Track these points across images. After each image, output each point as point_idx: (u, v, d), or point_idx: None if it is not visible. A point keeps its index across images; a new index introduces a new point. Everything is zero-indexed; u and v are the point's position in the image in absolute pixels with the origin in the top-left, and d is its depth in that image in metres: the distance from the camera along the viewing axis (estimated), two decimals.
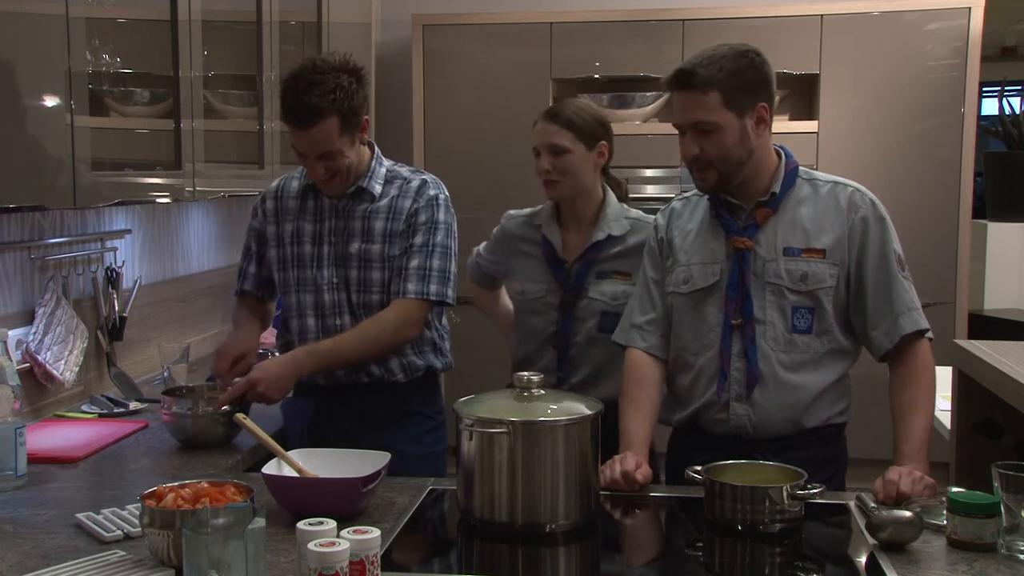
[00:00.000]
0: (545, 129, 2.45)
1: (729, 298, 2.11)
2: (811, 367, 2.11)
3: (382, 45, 5.16)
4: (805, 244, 2.10)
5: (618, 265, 2.47)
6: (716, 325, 2.13)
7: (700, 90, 2.03)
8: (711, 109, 2.03)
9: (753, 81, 2.06)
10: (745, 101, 2.05)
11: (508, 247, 2.61)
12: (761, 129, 2.08)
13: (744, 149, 2.07)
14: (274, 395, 2.27)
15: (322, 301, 2.40)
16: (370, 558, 1.45)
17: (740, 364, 2.11)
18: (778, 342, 2.10)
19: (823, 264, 2.09)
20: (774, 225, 2.12)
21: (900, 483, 1.88)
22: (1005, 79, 5.14)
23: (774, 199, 2.12)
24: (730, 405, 2.12)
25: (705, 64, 2.03)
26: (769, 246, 2.11)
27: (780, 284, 2.10)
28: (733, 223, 2.13)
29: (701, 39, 4.64)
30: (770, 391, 2.10)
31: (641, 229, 2.47)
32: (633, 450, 2.07)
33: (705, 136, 2.05)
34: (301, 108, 2.23)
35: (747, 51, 2.08)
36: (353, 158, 2.33)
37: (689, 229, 2.21)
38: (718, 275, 2.13)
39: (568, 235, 2.51)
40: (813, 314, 2.10)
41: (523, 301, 2.55)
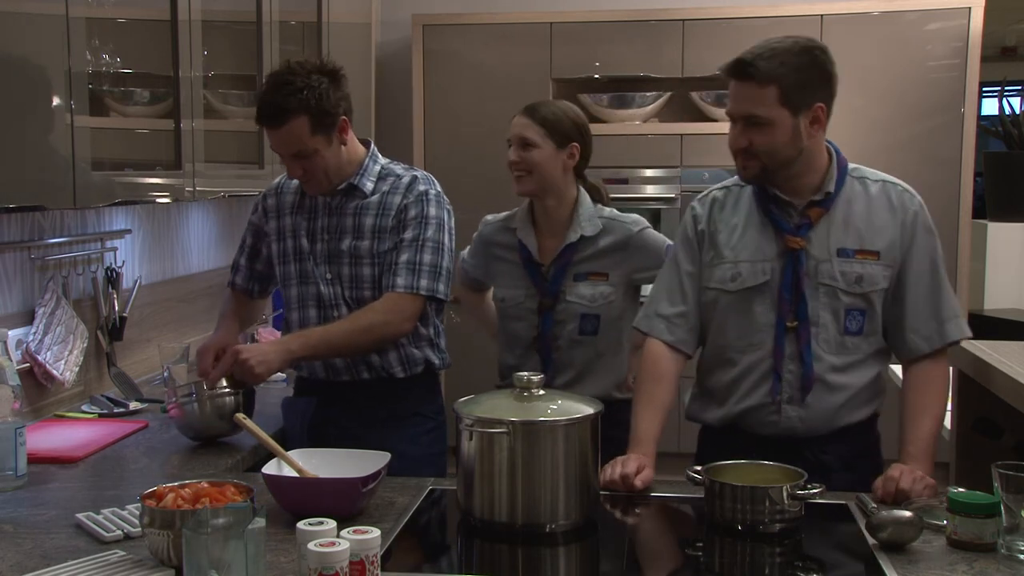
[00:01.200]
0: (518, 122, 2.48)
1: (783, 299, 2.07)
2: (857, 367, 2.09)
3: (382, 45, 5.17)
4: (859, 245, 2.05)
5: (593, 266, 2.47)
6: (766, 325, 2.09)
7: (757, 83, 1.97)
8: (766, 104, 1.98)
9: (814, 79, 2.00)
10: (803, 99, 1.99)
11: (487, 252, 2.61)
12: (815, 129, 2.02)
13: (794, 147, 2.01)
14: (257, 367, 2.22)
15: (321, 293, 2.41)
16: (370, 558, 1.45)
17: (793, 367, 2.07)
18: (830, 344, 2.07)
19: (877, 266, 2.05)
20: (827, 225, 2.07)
21: (900, 480, 1.88)
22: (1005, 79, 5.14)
23: (829, 198, 2.07)
24: (782, 407, 2.08)
25: (767, 56, 1.97)
26: (822, 246, 2.06)
27: (834, 286, 2.05)
28: (785, 221, 2.08)
29: (701, 39, 4.66)
30: (822, 393, 2.07)
31: (614, 229, 2.47)
32: (641, 449, 2.06)
33: (756, 129, 2.00)
34: (269, 108, 2.27)
35: (813, 47, 2.02)
36: (331, 158, 2.33)
37: (735, 223, 2.14)
38: (768, 274, 2.08)
39: (543, 239, 2.51)
40: (865, 316, 2.07)
41: (504, 308, 2.55)
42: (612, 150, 4.42)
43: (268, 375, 2.28)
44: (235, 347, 2.28)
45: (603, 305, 2.44)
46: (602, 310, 2.44)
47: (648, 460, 2.04)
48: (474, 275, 2.69)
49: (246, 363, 2.22)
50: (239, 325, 2.60)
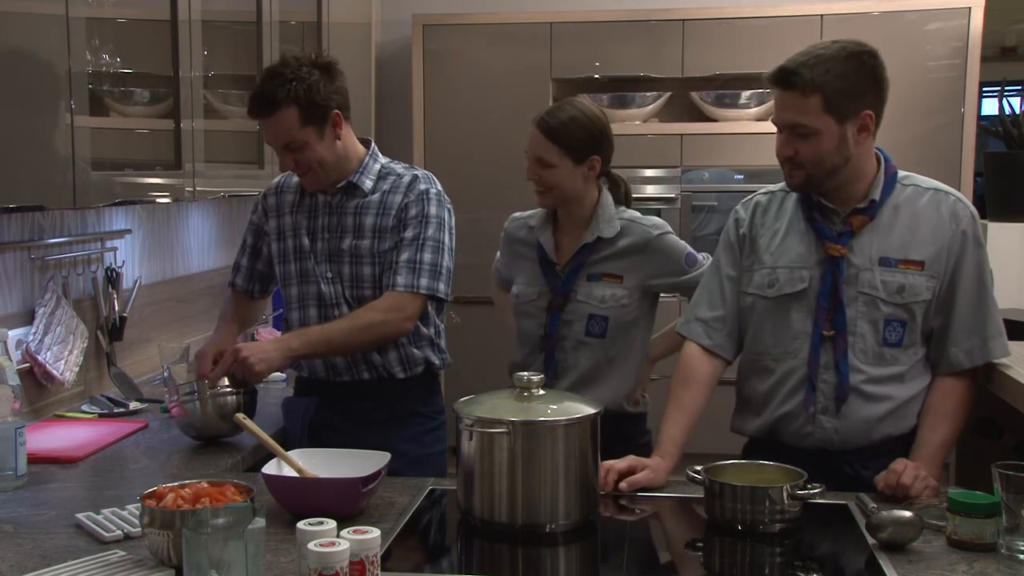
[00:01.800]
0: (535, 140, 2.39)
1: (821, 307, 2.02)
2: (898, 380, 2.03)
3: (382, 45, 5.17)
4: (903, 255, 2.00)
5: (609, 267, 2.43)
6: (802, 333, 2.05)
7: (801, 91, 1.92)
8: (810, 113, 1.93)
9: (860, 87, 1.95)
10: (849, 107, 1.94)
11: (511, 249, 2.59)
12: (863, 136, 1.98)
13: (841, 156, 1.97)
14: (257, 365, 2.23)
15: (322, 292, 2.41)
16: (370, 558, 1.45)
17: (828, 376, 2.03)
18: (867, 355, 2.02)
19: (921, 276, 2.00)
20: (870, 233, 2.02)
21: (903, 475, 1.87)
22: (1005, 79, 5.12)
23: (873, 206, 2.02)
24: (816, 418, 2.05)
25: (811, 64, 1.92)
26: (864, 255, 2.02)
27: (875, 295, 2.00)
28: (827, 228, 2.04)
29: (701, 39, 4.66)
30: (858, 404, 2.02)
31: (633, 231, 2.44)
32: (660, 451, 2.05)
33: (802, 139, 1.96)
34: (259, 98, 2.29)
35: (860, 52, 1.96)
36: (324, 152, 2.33)
37: (777, 228, 2.11)
38: (807, 281, 2.04)
39: (562, 238, 2.48)
40: (905, 327, 2.01)
41: (518, 304, 2.53)
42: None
43: (269, 373, 2.28)
44: (235, 346, 2.28)
45: (613, 308, 2.41)
46: (611, 312, 2.41)
47: (656, 463, 2.02)
48: (506, 275, 2.66)
49: (246, 361, 2.22)
50: (238, 327, 2.60)
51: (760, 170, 4.44)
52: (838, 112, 1.94)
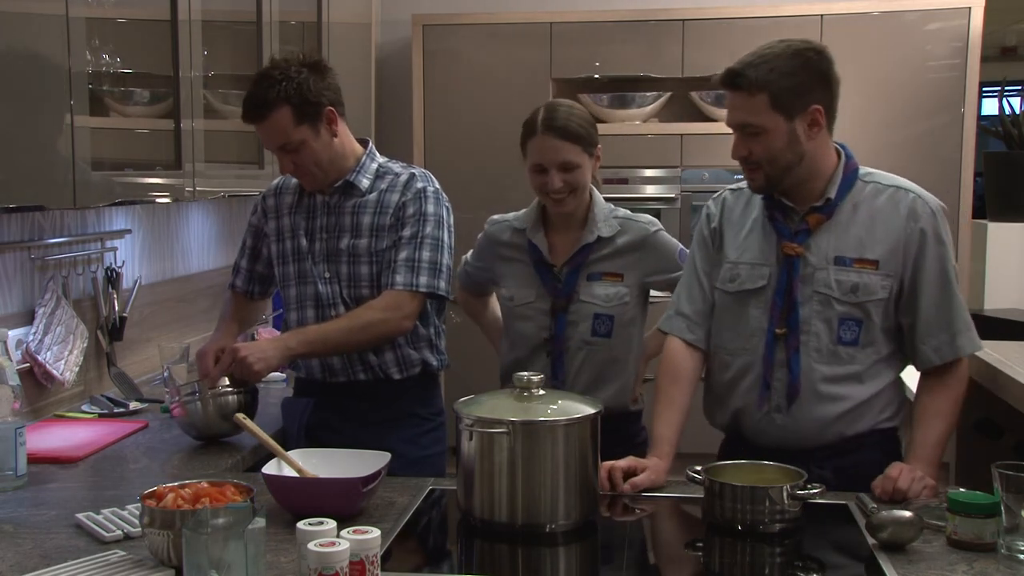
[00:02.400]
0: (553, 146, 2.32)
1: (775, 305, 2.05)
2: (855, 380, 2.04)
3: (382, 45, 5.17)
4: (858, 254, 2.02)
5: (608, 266, 2.42)
6: (758, 330, 2.07)
7: (747, 91, 1.96)
8: (758, 111, 1.96)
9: (806, 83, 1.97)
10: (796, 104, 1.96)
11: (494, 253, 2.54)
12: (814, 132, 2.00)
13: (793, 152, 1.99)
14: (255, 364, 2.23)
15: (319, 293, 2.41)
16: (370, 558, 1.45)
17: (781, 375, 2.05)
18: (821, 353, 2.03)
19: (875, 276, 2.01)
20: (828, 232, 2.04)
21: (899, 480, 1.88)
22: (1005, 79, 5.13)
23: (829, 205, 2.04)
24: (771, 415, 2.07)
25: (756, 64, 1.96)
26: (820, 254, 2.03)
27: (829, 294, 2.02)
28: (786, 227, 2.06)
29: (701, 39, 4.66)
30: (811, 403, 2.04)
31: (630, 229, 2.43)
32: (656, 450, 2.06)
33: (753, 138, 1.99)
34: (251, 102, 2.29)
35: (805, 49, 1.99)
36: (322, 150, 2.34)
37: (742, 225, 2.14)
38: (766, 278, 2.07)
39: (555, 238, 2.45)
40: (861, 326, 2.02)
41: (512, 307, 2.49)
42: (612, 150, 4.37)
43: (267, 372, 2.28)
44: (234, 345, 2.28)
45: (618, 306, 2.40)
46: (616, 311, 2.40)
47: (655, 463, 2.03)
48: (478, 278, 2.63)
49: (245, 360, 2.22)
50: (238, 327, 2.60)
51: None
52: (785, 109, 1.96)
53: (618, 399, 2.41)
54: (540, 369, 2.32)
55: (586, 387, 2.40)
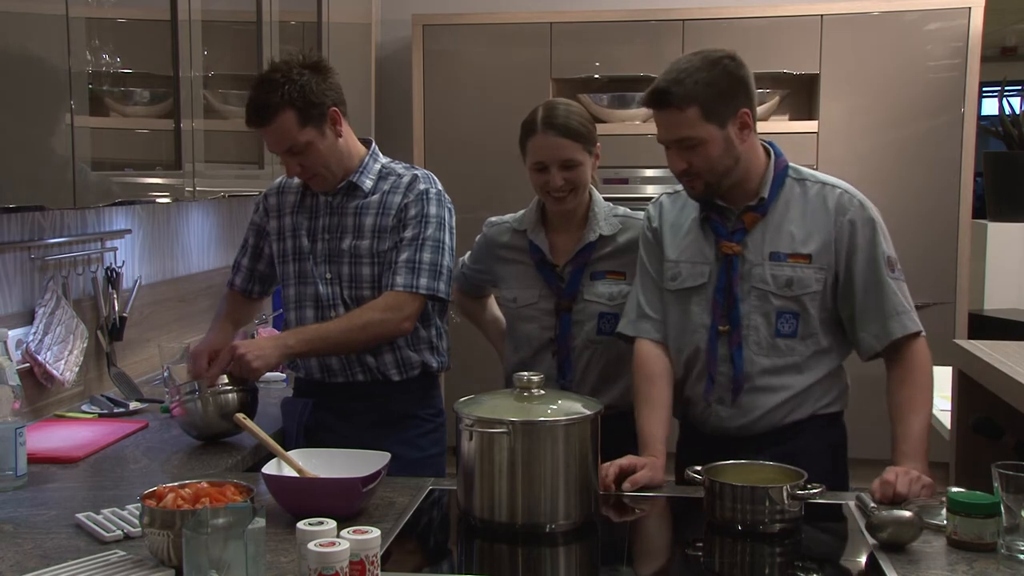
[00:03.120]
0: (554, 144, 2.32)
1: (717, 303, 2.12)
2: (794, 370, 2.11)
3: (382, 45, 5.17)
4: (791, 249, 2.09)
5: (611, 265, 2.42)
6: (701, 326, 2.14)
7: (677, 107, 2.02)
8: (692, 124, 2.02)
9: (730, 89, 2.04)
10: (725, 111, 2.03)
11: (493, 255, 2.54)
12: (745, 134, 2.07)
13: (730, 157, 2.06)
14: (254, 362, 2.23)
15: (319, 293, 2.41)
16: (370, 558, 1.45)
17: (725, 369, 2.12)
18: (761, 346, 2.11)
19: (809, 269, 2.08)
20: (762, 229, 2.11)
21: (897, 484, 1.88)
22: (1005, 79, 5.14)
23: (763, 204, 2.11)
24: (713, 407, 2.14)
25: (680, 80, 2.02)
26: (756, 251, 2.10)
27: (765, 289, 2.09)
28: (722, 227, 2.13)
29: (701, 39, 4.65)
30: (752, 394, 2.11)
31: (631, 226, 2.43)
32: (649, 451, 2.07)
33: (691, 150, 2.05)
34: (255, 107, 2.29)
35: (720, 58, 2.05)
36: (328, 151, 2.34)
37: (679, 226, 2.21)
38: (706, 277, 2.14)
39: (556, 238, 2.45)
40: (798, 319, 2.10)
41: (515, 308, 2.49)
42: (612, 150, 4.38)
43: (265, 370, 2.28)
44: (233, 343, 2.28)
45: (622, 304, 2.39)
46: (620, 308, 2.41)
47: (652, 461, 2.03)
48: (476, 281, 2.63)
49: (243, 358, 2.22)
50: (233, 327, 2.60)
51: None
52: (717, 117, 2.03)
53: (626, 397, 2.40)
54: (546, 370, 2.31)
55: (594, 386, 2.40)
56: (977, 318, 4.49)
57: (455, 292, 2.67)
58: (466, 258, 2.64)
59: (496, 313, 2.69)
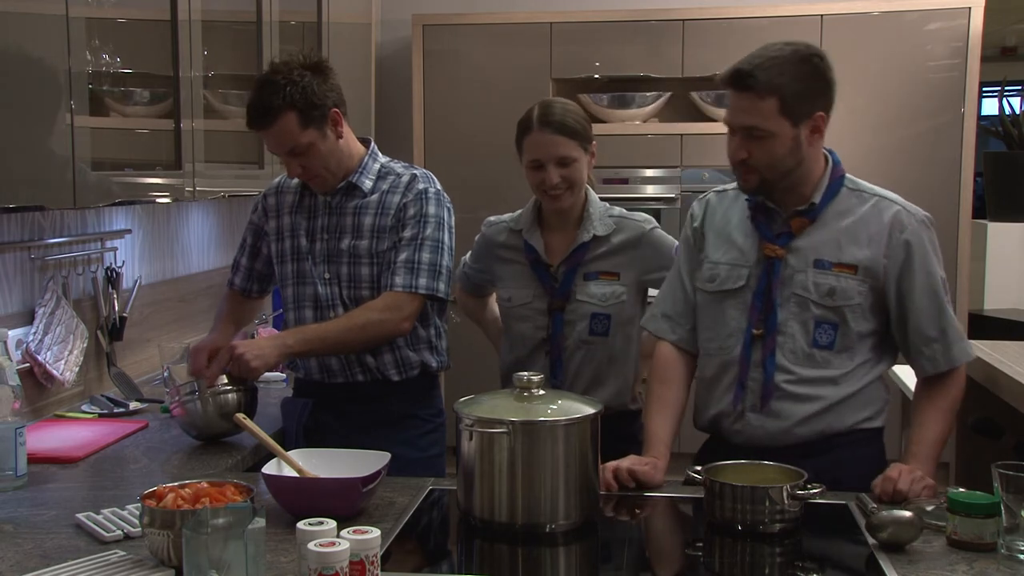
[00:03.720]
0: (549, 141, 2.33)
1: (755, 306, 2.06)
2: (829, 382, 2.04)
3: (382, 45, 5.17)
4: (837, 258, 2.02)
5: (604, 265, 2.42)
6: (737, 331, 2.08)
7: (757, 94, 1.93)
8: (766, 115, 1.94)
9: (815, 89, 1.97)
10: (803, 110, 1.96)
11: (491, 254, 2.54)
12: (815, 138, 2.00)
13: (794, 158, 1.99)
14: (253, 362, 2.23)
15: (318, 294, 2.41)
16: (370, 558, 1.45)
17: (757, 375, 2.05)
18: (797, 355, 2.04)
19: (853, 280, 2.02)
20: (810, 235, 2.04)
21: (899, 481, 1.88)
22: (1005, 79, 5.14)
23: (813, 209, 2.04)
24: (746, 415, 2.07)
25: (766, 66, 1.93)
26: (801, 257, 2.04)
27: (806, 296, 2.02)
28: (768, 228, 2.07)
29: (701, 39, 4.66)
30: (784, 402, 2.04)
31: (625, 227, 2.43)
32: (652, 451, 2.07)
33: (756, 141, 1.97)
34: (256, 110, 2.28)
35: (812, 54, 1.98)
36: (329, 152, 2.34)
37: (724, 226, 2.15)
38: (745, 279, 2.08)
39: (551, 238, 2.45)
40: (836, 330, 2.03)
41: (510, 307, 2.49)
42: (612, 150, 4.42)
43: (265, 369, 2.28)
44: (231, 343, 2.28)
45: (614, 305, 2.40)
46: (613, 310, 2.40)
47: (654, 462, 2.03)
48: (476, 280, 2.64)
49: (242, 358, 2.22)
50: (234, 327, 2.60)
51: None
52: (793, 114, 1.95)
53: (618, 398, 2.42)
54: (540, 369, 2.31)
55: (586, 386, 2.40)
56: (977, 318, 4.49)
57: (457, 291, 2.68)
58: (467, 257, 2.65)
59: (496, 313, 2.69)
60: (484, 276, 2.60)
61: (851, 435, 2.07)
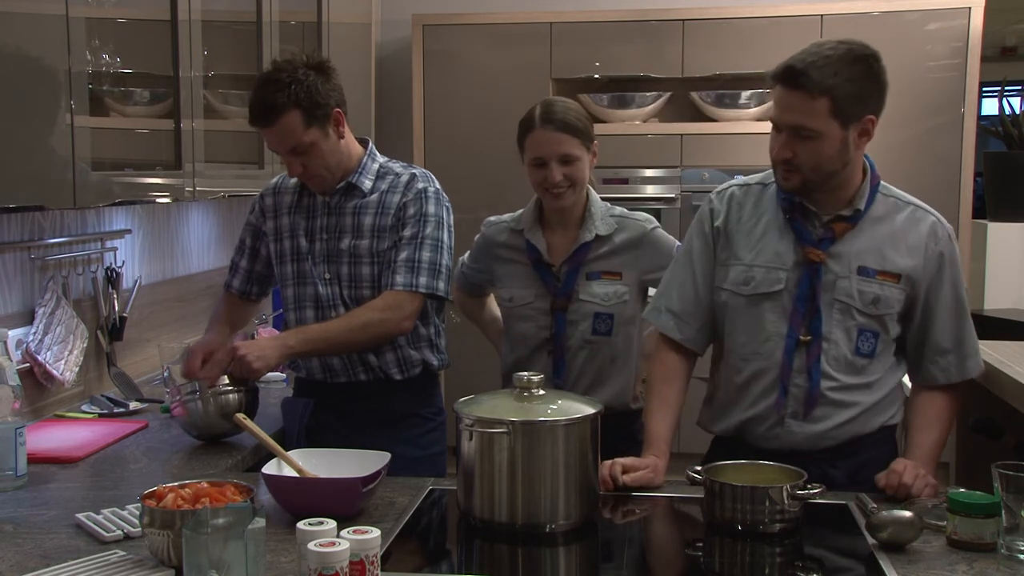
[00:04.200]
0: (552, 138, 2.33)
1: (797, 311, 2.01)
2: (866, 388, 2.04)
3: (382, 45, 5.17)
4: (881, 266, 2.00)
5: (606, 265, 2.42)
6: (775, 335, 2.04)
7: (808, 93, 1.88)
8: (817, 116, 1.89)
9: (868, 91, 1.92)
10: (854, 112, 1.91)
11: (491, 254, 2.54)
12: (863, 141, 1.96)
13: (840, 160, 1.95)
14: (255, 363, 2.22)
15: (319, 294, 2.40)
16: (370, 558, 1.45)
17: (801, 381, 2.02)
18: (840, 363, 2.02)
19: (895, 289, 2.00)
20: (851, 241, 2.01)
21: (904, 475, 1.88)
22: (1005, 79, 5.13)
23: (858, 215, 2.01)
24: (785, 422, 2.04)
25: (820, 65, 1.88)
26: (844, 263, 2.00)
27: (850, 304, 2.00)
28: (808, 232, 2.02)
29: (701, 39, 4.66)
30: (827, 410, 2.03)
31: (628, 227, 2.43)
32: (653, 449, 2.06)
33: (803, 141, 1.92)
34: (260, 107, 2.28)
35: (866, 55, 1.93)
36: (330, 152, 2.33)
37: (754, 225, 2.09)
38: (783, 283, 2.03)
39: (553, 237, 2.45)
40: (877, 338, 2.01)
41: (512, 308, 2.49)
42: (612, 150, 4.42)
43: (266, 371, 2.28)
44: (233, 344, 2.28)
45: (617, 304, 2.40)
46: (616, 309, 2.40)
47: (654, 462, 2.03)
48: (475, 280, 2.63)
49: (244, 359, 2.22)
50: (230, 329, 2.58)
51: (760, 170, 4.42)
52: (843, 116, 1.90)
53: (619, 398, 2.42)
54: (541, 369, 2.31)
55: (588, 386, 2.40)
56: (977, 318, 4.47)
57: (455, 291, 2.68)
58: (466, 257, 2.65)
59: (495, 312, 2.69)
60: (483, 276, 2.60)
61: (875, 434, 2.07)
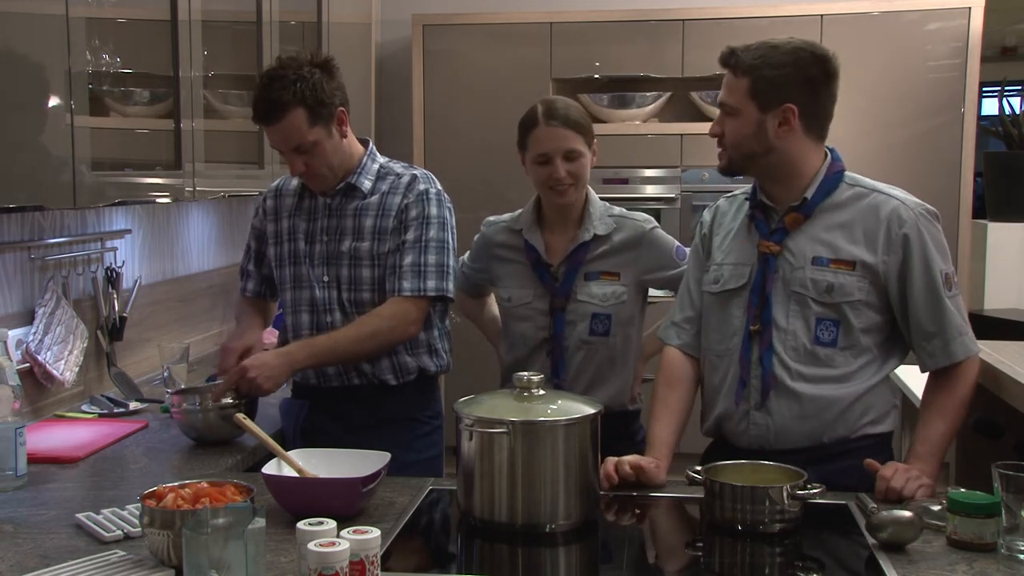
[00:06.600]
0: (557, 134, 2.34)
1: (751, 303, 2.07)
2: (834, 381, 2.03)
3: (382, 45, 5.17)
4: (835, 255, 2.02)
5: (605, 265, 2.43)
6: (739, 329, 2.09)
7: (733, 71, 2.03)
8: (736, 94, 2.02)
9: (788, 80, 2.00)
10: (771, 97, 2.00)
11: (490, 254, 2.54)
12: (783, 131, 2.01)
13: (759, 144, 2.02)
14: (265, 383, 2.22)
15: (315, 297, 2.40)
16: (370, 558, 1.45)
17: (758, 371, 2.06)
18: (799, 352, 2.04)
19: (851, 277, 2.01)
20: (807, 232, 2.05)
21: (892, 479, 1.88)
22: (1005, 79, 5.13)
23: (806, 205, 2.05)
24: (750, 414, 2.07)
25: (752, 49, 2.02)
26: (799, 253, 2.04)
27: (805, 294, 2.03)
28: (765, 225, 2.09)
29: (701, 39, 4.66)
30: (787, 401, 2.03)
31: (625, 227, 2.43)
32: (654, 452, 2.07)
33: (727, 117, 2.05)
34: (265, 104, 2.27)
35: (803, 48, 2.02)
36: (333, 151, 2.33)
37: (730, 229, 2.17)
38: (746, 277, 2.09)
39: (551, 237, 2.45)
40: (838, 327, 2.02)
41: (510, 307, 2.49)
42: (612, 150, 4.42)
43: (276, 389, 2.28)
44: (242, 364, 2.26)
45: (615, 305, 2.40)
46: (614, 310, 2.41)
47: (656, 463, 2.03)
48: (475, 280, 2.64)
49: (254, 381, 2.21)
50: (261, 321, 2.57)
51: None
52: (760, 99, 2.01)
53: (617, 398, 2.42)
54: (540, 369, 2.31)
55: (586, 386, 2.41)
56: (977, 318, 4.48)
57: (455, 291, 2.67)
58: (465, 257, 2.65)
59: (495, 312, 2.69)
60: (483, 276, 2.60)
61: (860, 441, 2.06)
